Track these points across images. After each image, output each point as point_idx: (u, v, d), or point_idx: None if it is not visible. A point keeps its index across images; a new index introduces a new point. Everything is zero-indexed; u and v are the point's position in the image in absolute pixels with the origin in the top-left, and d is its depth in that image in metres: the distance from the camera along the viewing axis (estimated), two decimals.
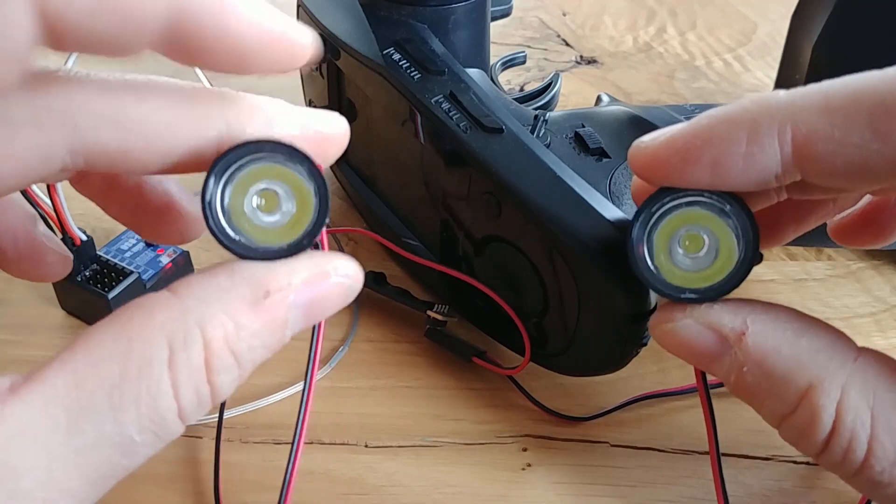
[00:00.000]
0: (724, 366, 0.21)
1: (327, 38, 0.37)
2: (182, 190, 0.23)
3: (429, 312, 0.35)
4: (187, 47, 0.18)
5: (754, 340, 0.20)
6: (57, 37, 0.16)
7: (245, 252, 0.19)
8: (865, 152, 0.18)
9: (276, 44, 0.18)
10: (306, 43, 0.19)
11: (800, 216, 0.25)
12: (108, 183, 0.22)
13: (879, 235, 0.26)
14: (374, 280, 0.36)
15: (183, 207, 0.22)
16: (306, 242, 0.19)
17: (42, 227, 0.24)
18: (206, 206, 0.19)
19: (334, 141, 0.21)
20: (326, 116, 0.20)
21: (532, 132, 0.33)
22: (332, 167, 0.42)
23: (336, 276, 0.19)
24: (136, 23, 0.17)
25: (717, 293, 0.21)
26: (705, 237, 0.21)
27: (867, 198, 0.25)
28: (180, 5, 0.17)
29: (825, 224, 0.27)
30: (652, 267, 0.22)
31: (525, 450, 0.32)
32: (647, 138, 0.21)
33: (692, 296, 0.21)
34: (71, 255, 0.24)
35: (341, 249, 0.38)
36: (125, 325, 0.17)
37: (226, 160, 0.19)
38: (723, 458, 0.23)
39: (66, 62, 0.30)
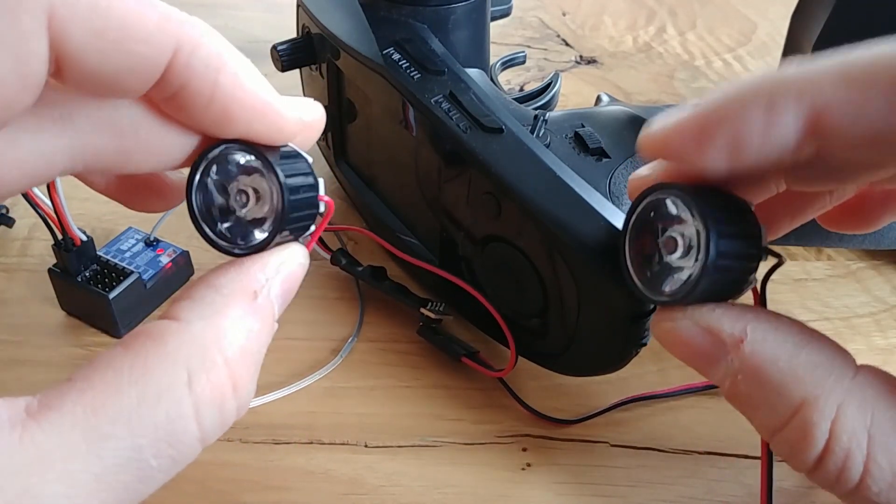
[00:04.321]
0: (720, 371, 0.21)
1: (327, 38, 0.37)
2: None
3: (422, 310, 0.35)
4: (177, 98, 0.18)
5: (752, 349, 0.20)
6: (59, 67, 0.16)
7: (232, 249, 0.20)
8: (884, 123, 0.18)
9: (263, 116, 0.19)
10: (292, 118, 0.20)
11: (795, 209, 0.25)
12: None
13: (863, 221, 0.25)
14: (372, 275, 0.36)
15: (166, 176, 0.23)
16: (282, 232, 0.20)
17: None
18: (193, 208, 0.20)
19: (313, 127, 0.21)
20: (305, 103, 0.20)
21: (532, 132, 0.33)
22: (331, 167, 0.41)
23: (295, 260, 0.20)
24: (140, 59, 0.17)
25: (688, 295, 0.21)
26: (678, 236, 0.21)
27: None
28: (183, 52, 0.17)
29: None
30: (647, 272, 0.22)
31: (525, 450, 0.32)
32: (657, 123, 0.21)
33: (664, 299, 0.21)
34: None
35: (343, 248, 0.38)
36: (139, 352, 0.17)
37: (204, 161, 0.19)
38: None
39: None
